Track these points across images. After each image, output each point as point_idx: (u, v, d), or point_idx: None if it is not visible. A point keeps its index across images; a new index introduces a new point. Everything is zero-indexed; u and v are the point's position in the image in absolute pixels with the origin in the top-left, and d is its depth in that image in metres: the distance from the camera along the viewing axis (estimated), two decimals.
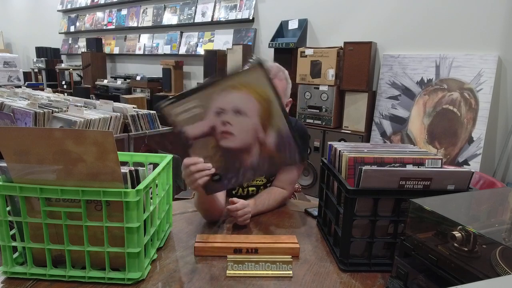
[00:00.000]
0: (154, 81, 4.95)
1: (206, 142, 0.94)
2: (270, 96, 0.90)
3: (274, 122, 0.92)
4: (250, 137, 0.94)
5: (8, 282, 0.83)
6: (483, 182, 1.59)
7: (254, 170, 0.98)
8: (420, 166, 0.96)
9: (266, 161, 0.96)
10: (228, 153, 0.96)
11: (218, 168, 0.97)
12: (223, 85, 0.90)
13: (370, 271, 0.93)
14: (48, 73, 6.41)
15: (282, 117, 0.92)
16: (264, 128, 0.93)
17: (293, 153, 0.95)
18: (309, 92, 3.41)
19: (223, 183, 0.99)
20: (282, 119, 0.92)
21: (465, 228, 0.63)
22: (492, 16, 2.77)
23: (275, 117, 0.92)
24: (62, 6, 6.70)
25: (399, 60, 3.18)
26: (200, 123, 0.92)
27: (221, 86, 0.90)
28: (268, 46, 3.74)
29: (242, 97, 0.90)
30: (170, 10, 5.06)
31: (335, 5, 3.57)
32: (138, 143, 2.57)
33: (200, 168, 0.95)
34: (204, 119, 0.92)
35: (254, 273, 0.90)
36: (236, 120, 0.92)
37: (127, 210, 0.80)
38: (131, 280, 0.84)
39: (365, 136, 3.26)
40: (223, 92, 0.90)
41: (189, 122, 0.92)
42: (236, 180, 1.00)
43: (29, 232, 0.83)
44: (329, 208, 1.10)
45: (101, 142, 0.77)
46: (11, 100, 3.07)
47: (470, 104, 2.81)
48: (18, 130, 0.81)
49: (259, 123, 0.92)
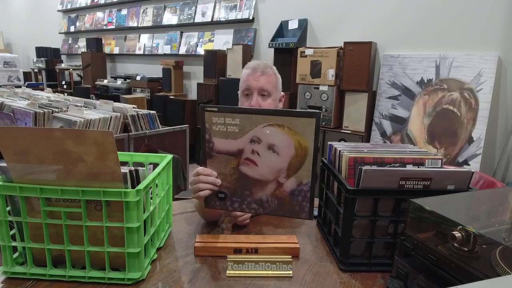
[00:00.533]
0: (154, 81, 4.96)
1: (228, 160, 0.95)
2: (309, 149, 0.90)
3: (301, 172, 0.92)
4: (272, 175, 0.94)
5: (8, 282, 0.83)
6: (483, 182, 1.59)
7: (260, 205, 0.98)
8: (420, 166, 0.96)
9: (275, 202, 0.96)
10: (244, 179, 0.96)
11: (228, 188, 0.98)
12: (272, 119, 0.90)
13: (370, 271, 0.93)
14: (48, 73, 6.42)
15: (310, 171, 0.92)
16: (289, 174, 0.93)
17: (304, 207, 0.95)
18: (309, 92, 3.41)
19: (226, 203, 1.00)
20: (309, 173, 0.92)
21: (465, 228, 0.63)
22: (492, 16, 2.77)
23: (304, 168, 0.92)
24: (62, 6, 6.70)
25: (399, 60, 3.18)
26: (232, 141, 0.93)
27: (269, 119, 0.91)
28: (268, 46, 3.74)
29: (283, 138, 0.90)
30: (170, 10, 5.06)
31: (335, 5, 3.57)
32: (138, 143, 2.57)
33: (209, 181, 0.96)
34: (236, 140, 0.93)
35: (254, 273, 0.90)
36: (266, 154, 0.93)
37: (127, 210, 0.80)
38: (131, 280, 0.84)
39: (365, 136, 3.26)
40: (268, 126, 0.91)
41: (222, 136, 0.93)
42: (239, 206, 0.99)
43: (29, 232, 0.83)
44: (329, 208, 1.10)
45: (101, 142, 0.77)
46: (11, 100, 3.07)
47: (470, 104, 2.81)
48: (18, 130, 0.81)
49: (287, 166, 0.93)
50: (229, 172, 0.96)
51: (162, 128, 2.78)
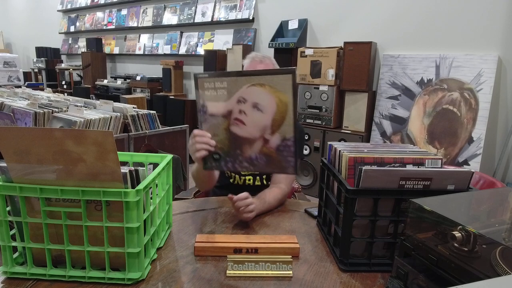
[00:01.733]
0: (154, 81, 4.96)
1: (219, 123, 1.04)
2: (289, 104, 0.96)
3: (284, 127, 0.98)
4: (258, 132, 1.01)
5: (8, 282, 0.83)
6: (483, 182, 1.59)
7: (250, 163, 1.04)
8: (420, 166, 0.96)
9: (263, 159, 1.02)
10: (234, 139, 1.04)
11: (221, 149, 1.06)
12: (254, 79, 0.98)
13: (370, 271, 0.93)
14: (48, 73, 6.42)
15: (292, 126, 0.98)
16: (273, 129, 0.99)
17: (290, 162, 1.00)
18: (309, 92, 3.41)
19: (221, 164, 1.08)
20: (291, 128, 0.98)
21: (465, 228, 0.63)
22: (492, 16, 2.77)
23: (286, 123, 0.98)
24: (62, 6, 6.70)
25: (399, 60, 3.18)
26: (222, 103, 1.02)
27: (252, 79, 0.99)
28: (268, 46, 3.74)
29: (265, 95, 0.98)
30: (170, 10, 5.06)
31: (335, 5, 3.57)
32: (138, 143, 2.57)
33: (205, 141, 1.05)
34: (225, 102, 1.01)
35: (254, 273, 0.90)
36: (252, 113, 1.00)
37: (127, 210, 0.80)
38: (131, 280, 0.84)
39: (365, 136, 3.26)
40: (251, 86, 0.99)
41: (213, 100, 1.02)
42: (232, 165, 1.07)
43: (29, 232, 0.83)
44: (329, 208, 1.10)
45: (101, 142, 0.77)
46: (11, 100, 3.08)
47: (470, 104, 2.81)
48: (18, 130, 0.81)
49: (271, 122, 0.99)
50: (221, 133, 1.05)
51: (162, 128, 2.78)
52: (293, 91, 0.95)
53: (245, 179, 1.47)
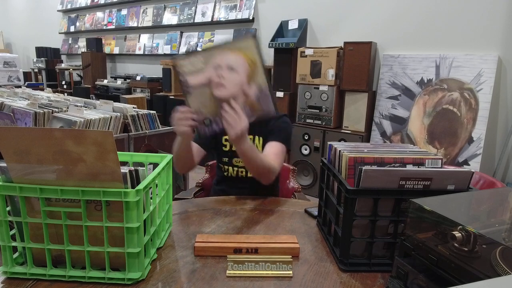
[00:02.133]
0: (154, 81, 4.95)
1: (204, 92, 1.17)
2: (257, 61, 1.14)
3: (257, 79, 1.16)
4: (238, 89, 1.16)
5: (8, 282, 0.83)
6: (483, 182, 1.59)
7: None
8: (420, 166, 0.96)
9: (248, 109, 1.17)
10: (219, 101, 1.16)
11: (210, 113, 1.18)
12: (224, 47, 1.15)
13: (370, 271, 0.93)
14: (48, 73, 6.42)
15: (264, 77, 1.16)
16: (250, 84, 1.16)
17: (270, 105, 1.18)
18: (309, 92, 3.41)
19: (212, 128, 1.19)
20: (264, 79, 1.16)
21: (465, 228, 0.63)
22: (492, 16, 2.78)
23: (259, 76, 1.16)
24: (62, 6, 6.70)
25: (399, 60, 3.18)
26: (200, 74, 1.15)
27: (221, 48, 1.15)
28: (268, 46, 3.74)
29: (236, 58, 1.14)
30: (170, 10, 5.06)
31: (335, 5, 3.57)
32: (138, 143, 2.57)
33: (187, 116, 1.16)
34: (204, 72, 1.14)
35: (254, 273, 0.90)
36: (228, 75, 1.15)
37: (127, 210, 0.80)
38: (131, 280, 0.84)
39: (365, 136, 3.26)
40: (222, 52, 1.14)
41: (193, 73, 1.15)
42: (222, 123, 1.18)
43: (29, 232, 0.83)
44: (329, 208, 1.10)
45: (101, 142, 0.77)
46: (11, 100, 3.07)
47: (470, 104, 2.81)
48: (18, 130, 0.81)
49: (246, 79, 1.16)
50: (208, 101, 1.17)
51: (162, 128, 2.78)
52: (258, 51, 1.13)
53: (238, 171, 1.51)
